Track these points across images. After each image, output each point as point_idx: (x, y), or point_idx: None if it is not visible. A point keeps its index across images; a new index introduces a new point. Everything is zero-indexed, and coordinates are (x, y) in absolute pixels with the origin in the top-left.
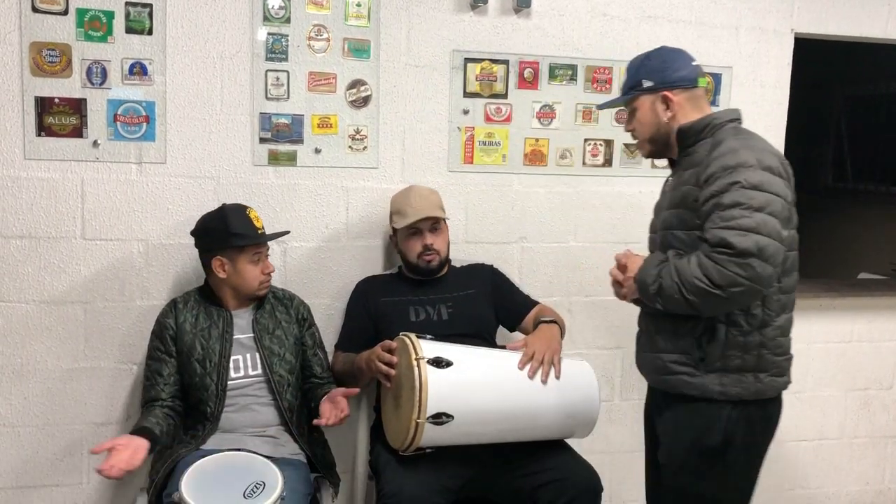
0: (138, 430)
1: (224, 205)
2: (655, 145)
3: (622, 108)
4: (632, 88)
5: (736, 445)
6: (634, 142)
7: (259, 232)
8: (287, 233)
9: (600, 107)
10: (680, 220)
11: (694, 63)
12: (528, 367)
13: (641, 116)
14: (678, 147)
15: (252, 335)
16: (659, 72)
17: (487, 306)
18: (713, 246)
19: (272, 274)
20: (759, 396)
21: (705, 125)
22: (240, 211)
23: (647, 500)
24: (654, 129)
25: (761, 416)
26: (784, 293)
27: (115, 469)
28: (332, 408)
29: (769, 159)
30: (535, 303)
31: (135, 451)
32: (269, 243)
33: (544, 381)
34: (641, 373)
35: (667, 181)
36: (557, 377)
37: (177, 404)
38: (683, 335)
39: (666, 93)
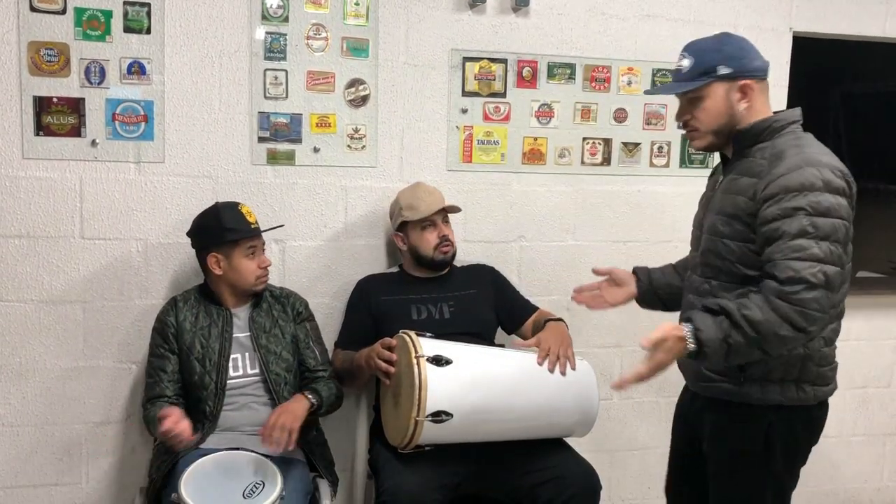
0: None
1: (217, 202)
2: (718, 138)
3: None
4: (704, 74)
5: (777, 449)
6: (684, 131)
7: (252, 226)
8: (281, 226)
9: (650, 92)
10: (733, 231)
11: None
12: (530, 365)
13: (711, 105)
14: (734, 147)
15: (249, 334)
16: (738, 59)
17: (489, 307)
18: (783, 282)
19: (269, 269)
20: (801, 403)
21: (765, 128)
22: (232, 207)
23: (666, 491)
24: (724, 120)
25: (804, 420)
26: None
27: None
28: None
29: (835, 179)
30: (536, 308)
31: (186, 426)
32: (268, 242)
33: (563, 373)
34: (682, 373)
35: (718, 178)
36: (574, 369)
37: (181, 402)
38: None
39: (746, 81)
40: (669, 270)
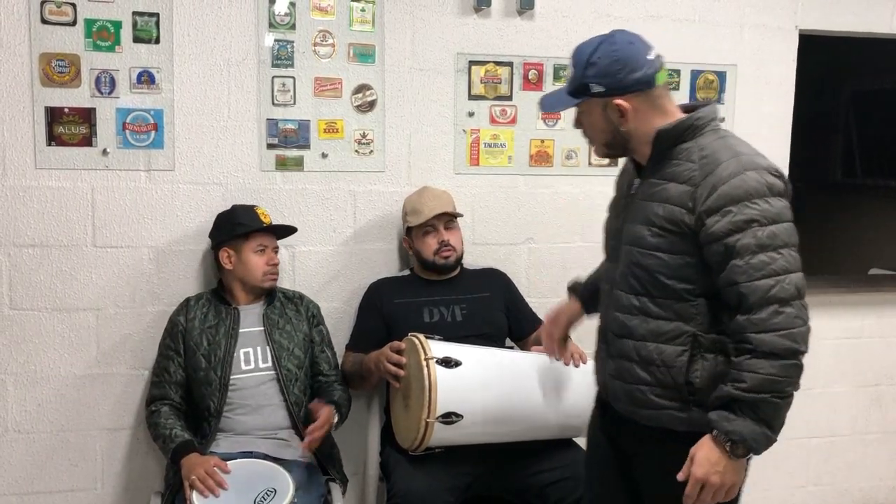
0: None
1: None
2: (614, 149)
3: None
4: (578, 91)
5: None
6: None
7: (264, 224)
8: (294, 230)
9: (543, 108)
10: (665, 242)
11: (650, 57)
12: (539, 366)
13: (593, 122)
14: (653, 149)
15: (262, 328)
16: (609, 75)
17: (500, 311)
18: (754, 308)
19: (278, 267)
20: None
21: (686, 127)
22: (248, 207)
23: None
24: (610, 136)
25: None
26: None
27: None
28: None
29: (776, 181)
30: (542, 321)
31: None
32: (278, 247)
33: (577, 365)
34: (607, 399)
35: (632, 182)
36: (584, 363)
37: (182, 404)
38: (669, 366)
39: (618, 101)
40: (592, 282)
